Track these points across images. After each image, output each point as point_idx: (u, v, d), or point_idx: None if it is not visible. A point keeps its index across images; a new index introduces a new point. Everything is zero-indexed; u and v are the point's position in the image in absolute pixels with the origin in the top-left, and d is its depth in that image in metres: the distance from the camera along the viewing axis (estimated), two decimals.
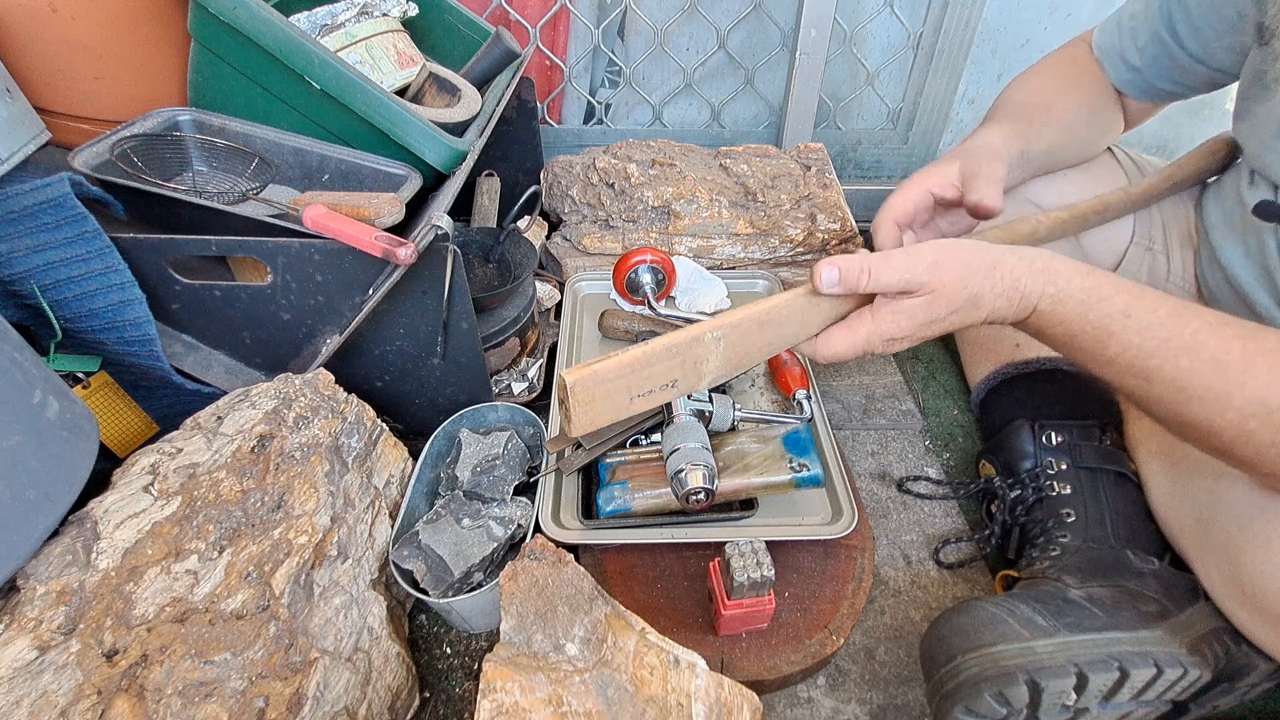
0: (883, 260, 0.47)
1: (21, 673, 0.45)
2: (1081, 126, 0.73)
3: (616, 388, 0.48)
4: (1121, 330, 0.47)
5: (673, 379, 0.50)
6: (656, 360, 0.49)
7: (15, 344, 0.54)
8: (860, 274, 0.47)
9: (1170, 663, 0.54)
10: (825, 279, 0.47)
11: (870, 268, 0.46)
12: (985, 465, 0.82)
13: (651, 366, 0.49)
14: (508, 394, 0.89)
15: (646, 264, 0.94)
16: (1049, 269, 0.49)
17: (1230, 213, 0.68)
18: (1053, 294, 0.48)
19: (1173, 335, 0.46)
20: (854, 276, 0.47)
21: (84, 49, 0.75)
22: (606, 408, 0.49)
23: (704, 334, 0.49)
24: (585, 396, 0.48)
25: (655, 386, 0.49)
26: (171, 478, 0.57)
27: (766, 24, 1.24)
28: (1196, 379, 0.46)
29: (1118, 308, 0.47)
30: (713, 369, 0.51)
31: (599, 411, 0.49)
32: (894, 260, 0.46)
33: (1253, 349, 0.45)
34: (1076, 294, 0.48)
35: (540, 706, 0.45)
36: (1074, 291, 0.48)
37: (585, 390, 0.47)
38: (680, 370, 0.50)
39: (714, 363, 0.50)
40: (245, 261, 0.76)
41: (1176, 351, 0.46)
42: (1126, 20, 0.72)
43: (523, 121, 1.14)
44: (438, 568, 0.64)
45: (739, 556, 0.58)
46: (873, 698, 0.66)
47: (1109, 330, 0.48)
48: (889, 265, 0.46)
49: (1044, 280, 0.48)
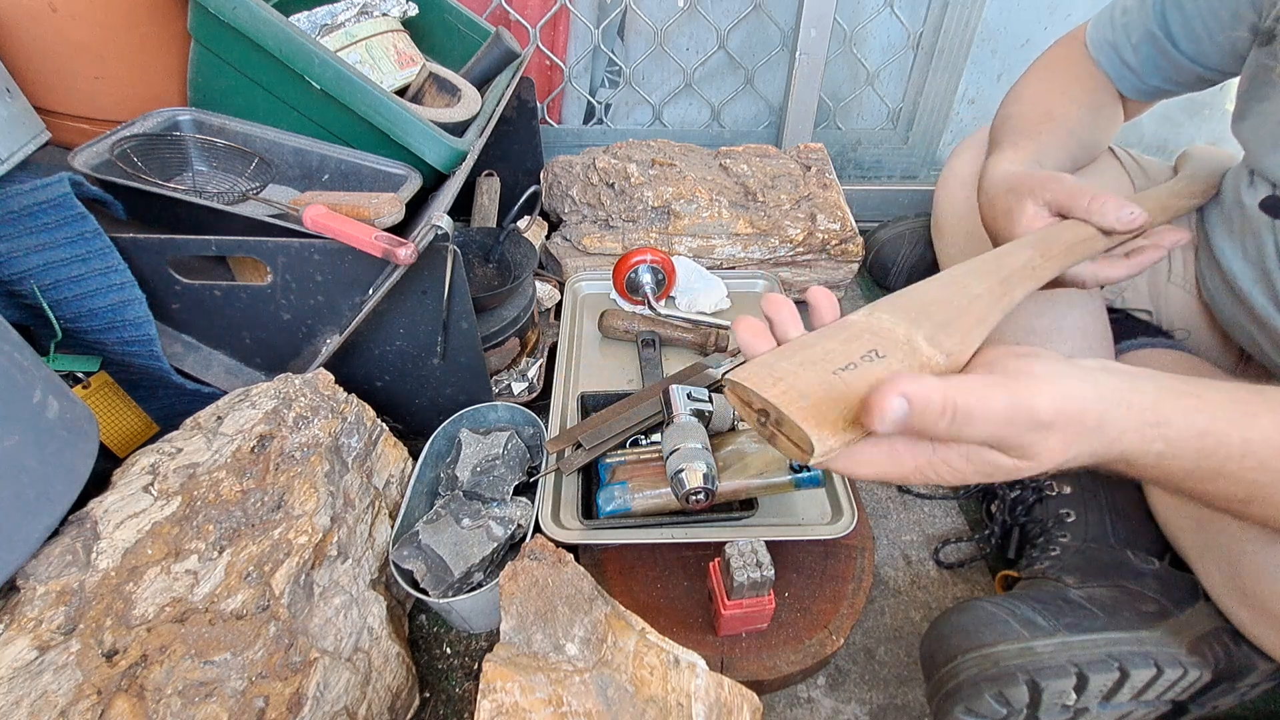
0: (977, 401, 0.32)
1: (21, 673, 0.45)
2: (1086, 129, 0.72)
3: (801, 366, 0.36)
4: (1237, 470, 0.40)
5: (870, 349, 0.37)
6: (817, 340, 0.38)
7: (15, 344, 0.54)
8: (940, 415, 0.31)
9: (1170, 663, 0.54)
10: (890, 415, 0.31)
11: (956, 409, 0.31)
12: None
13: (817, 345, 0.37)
14: (508, 394, 0.89)
15: (646, 264, 0.94)
16: (1159, 421, 0.38)
17: (1229, 213, 0.68)
18: (1159, 451, 0.39)
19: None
20: (932, 418, 0.31)
21: (84, 49, 0.75)
22: (816, 390, 0.34)
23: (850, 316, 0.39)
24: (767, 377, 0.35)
25: (855, 358, 0.36)
26: (171, 478, 0.57)
27: (766, 24, 1.24)
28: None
29: (1235, 449, 0.39)
30: (924, 346, 0.38)
31: (813, 400, 0.33)
32: (992, 405, 0.32)
33: None
34: (1191, 443, 0.39)
35: (540, 706, 0.45)
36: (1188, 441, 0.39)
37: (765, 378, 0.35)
38: (870, 339, 0.38)
39: (919, 339, 0.38)
40: (245, 261, 0.76)
41: None
42: (1119, 16, 0.72)
43: (523, 121, 1.14)
44: (438, 568, 0.64)
45: (739, 556, 0.58)
46: (873, 698, 0.66)
47: (1220, 473, 0.40)
48: (986, 413, 0.32)
49: (1153, 436, 0.38)
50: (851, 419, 0.33)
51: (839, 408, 0.33)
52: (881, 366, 0.36)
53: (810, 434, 0.32)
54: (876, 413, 0.31)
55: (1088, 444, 0.37)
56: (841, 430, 0.33)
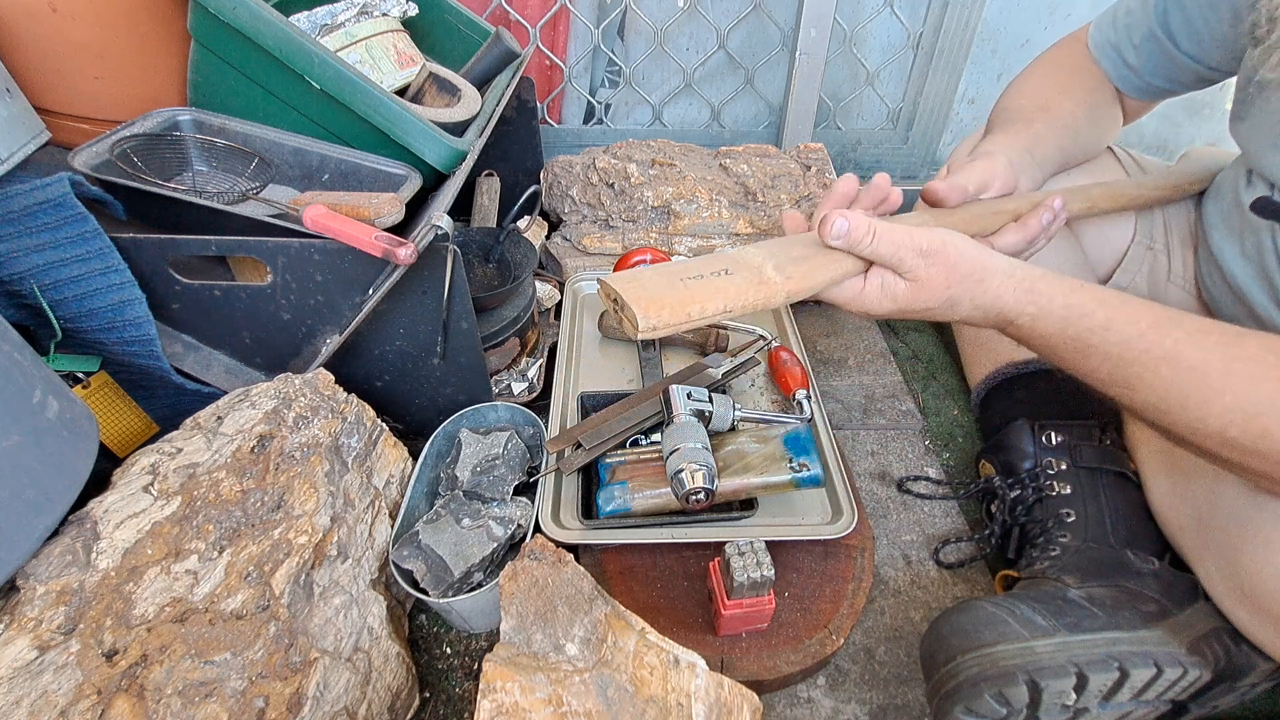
0: (887, 229, 0.48)
1: (21, 673, 0.45)
2: (1083, 125, 0.73)
3: (659, 273, 0.47)
4: (1101, 343, 0.49)
5: (722, 268, 0.48)
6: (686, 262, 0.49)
7: (15, 344, 0.54)
8: (865, 235, 0.48)
9: (1170, 662, 0.54)
10: (835, 229, 0.48)
11: (876, 231, 0.48)
12: (985, 465, 0.82)
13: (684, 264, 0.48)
14: (508, 394, 0.89)
15: (646, 264, 0.94)
16: (1034, 289, 0.50)
17: (1228, 212, 0.68)
18: (1033, 313, 0.50)
19: (1153, 346, 0.47)
20: (859, 236, 0.49)
21: (84, 49, 0.75)
22: (659, 288, 0.46)
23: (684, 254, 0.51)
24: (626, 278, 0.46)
25: (705, 272, 0.48)
26: (171, 478, 0.57)
27: (766, 24, 1.24)
28: (1176, 388, 0.47)
29: (1098, 322, 0.49)
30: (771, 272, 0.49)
31: (651, 293, 0.46)
32: (896, 233, 0.48)
33: (1232, 355, 0.45)
34: (1058, 312, 0.50)
35: (540, 706, 0.45)
36: (1055, 310, 0.50)
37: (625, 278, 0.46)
38: (728, 262, 0.49)
39: (769, 266, 0.49)
40: (245, 261, 0.76)
41: (1157, 361, 0.47)
42: (1122, 16, 0.72)
43: (523, 121, 1.14)
44: (438, 568, 0.64)
45: (739, 556, 0.58)
46: (873, 698, 0.66)
47: (1088, 344, 0.49)
48: (891, 236, 0.48)
49: (1027, 300, 0.50)
50: (681, 309, 0.45)
51: (672, 299, 0.45)
52: (723, 281, 0.47)
53: (637, 312, 0.44)
54: (827, 229, 0.48)
55: (968, 291, 0.49)
56: (668, 314, 0.45)
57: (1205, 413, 0.46)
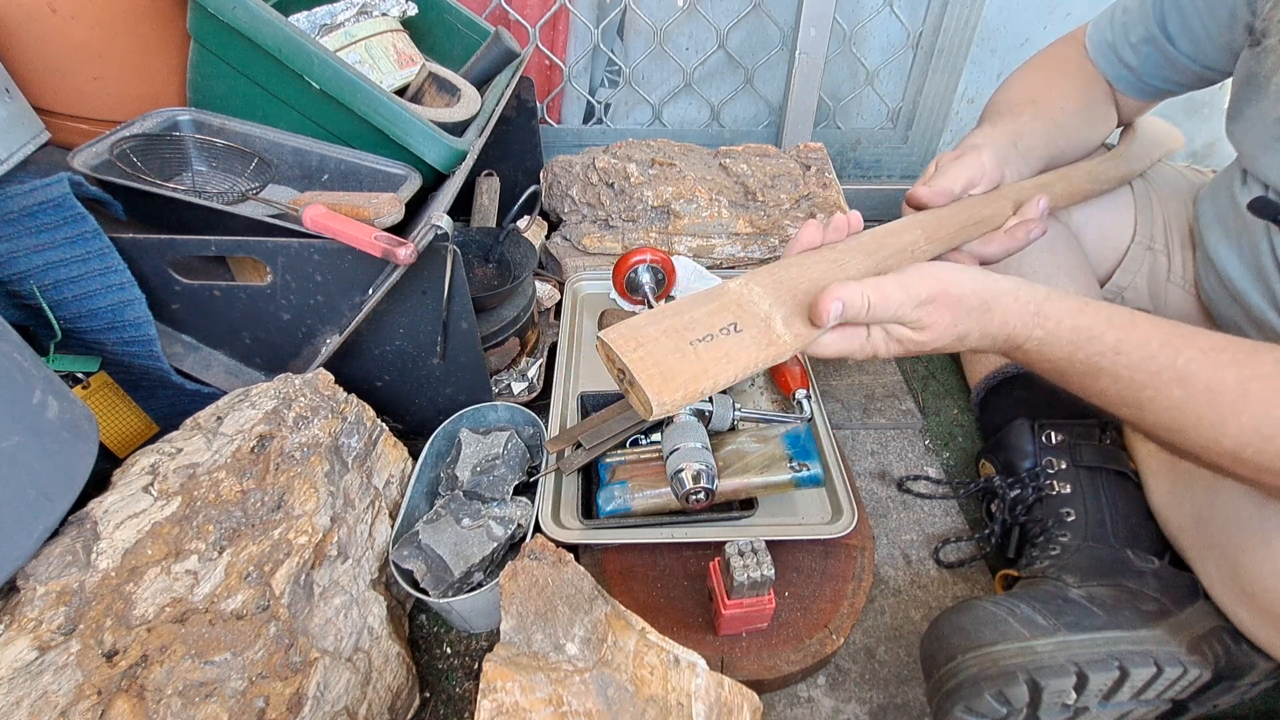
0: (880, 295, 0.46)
1: (21, 673, 0.45)
2: (1072, 120, 0.73)
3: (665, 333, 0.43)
4: (1111, 366, 0.47)
5: (730, 322, 0.45)
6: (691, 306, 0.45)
7: (15, 344, 0.54)
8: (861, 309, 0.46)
9: (1170, 662, 0.54)
10: (831, 315, 0.45)
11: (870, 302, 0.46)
12: (985, 464, 0.82)
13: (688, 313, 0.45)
14: (508, 394, 0.89)
15: (646, 264, 0.94)
16: (1040, 312, 0.49)
17: (1224, 213, 0.68)
18: (1040, 336, 0.49)
19: (1164, 367, 0.46)
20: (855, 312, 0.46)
21: (84, 49, 0.74)
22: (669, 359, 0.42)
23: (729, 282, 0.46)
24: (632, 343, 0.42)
25: (715, 330, 0.44)
26: (171, 478, 0.57)
27: (766, 23, 1.24)
28: (1190, 409, 0.45)
29: (1108, 345, 0.47)
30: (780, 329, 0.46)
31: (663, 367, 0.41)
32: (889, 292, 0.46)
33: (1247, 375, 0.44)
34: (1066, 335, 0.48)
35: (540, 706, 0.45)
36: (1064, 333, 0.48)
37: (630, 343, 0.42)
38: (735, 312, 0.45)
39: (777, 321, 0.46)
40: (245, 261, 0.76)
41: (1169, 383, 0.46)
42: (1120, 16, 0.72)
43: (522, 121, 1.14)
44: (438, 568, 0.64)
45: (739, 556, 0.58)
46: (873, 697, 0.66)
47: (1098, 366, 0.48)
48: (886, 300, 0.46)
49: (1034, 324, 0.49)
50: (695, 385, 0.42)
51: (684, 375, 0.42)
52: (733, 342, 0.44)
53: (651, 398, 0.40)
54: (824, 313, 0.45)
55: (976, 322, 0.48)
56: (681, 395, 0.41)
57: (1220, 434, 0.44)
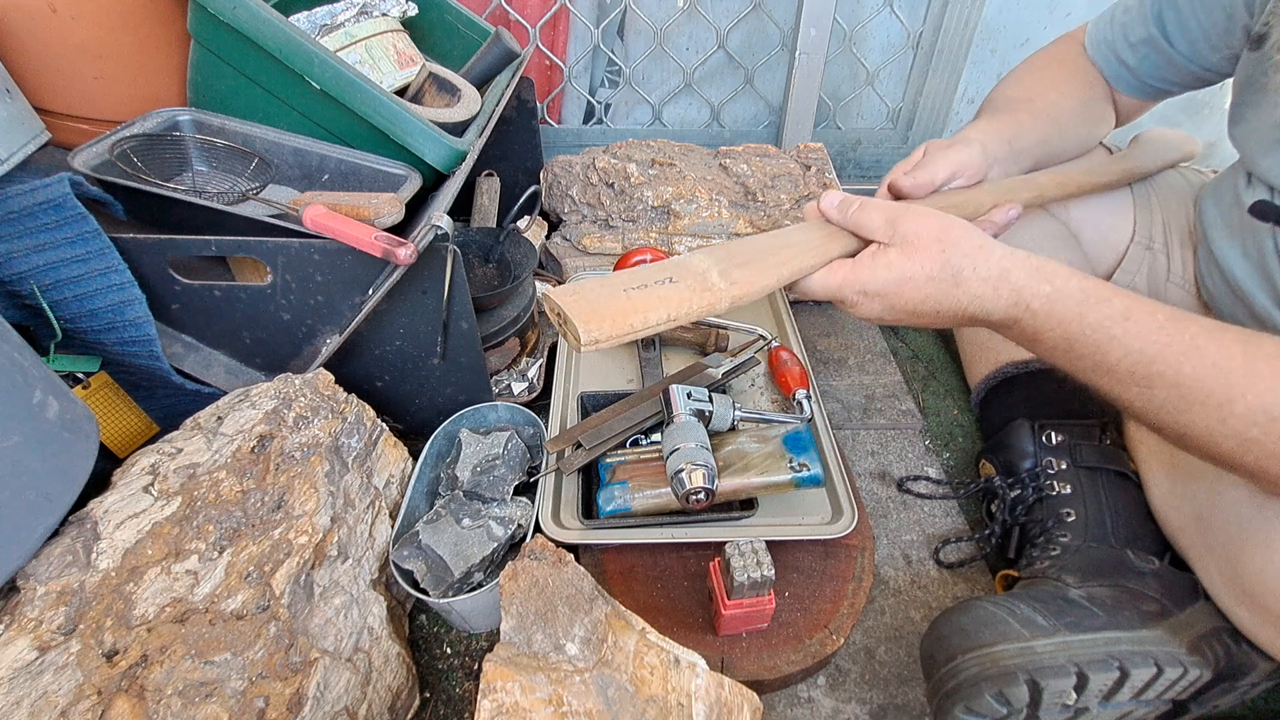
0: (873, 200, 0.50)
1: (21, 673, 0.45)
2: (1069, 119, 0.73)
3: (602, 284, 0.47)
4: (1123, 334, 0.45)
5: (666, 276, 0.48)
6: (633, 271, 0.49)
7: (15, 344, 0.54)
8: (851, 203, 0.50)
9: (1170, 662, 0.54)
10: (826, 200, 0.51)
11: (862, 201, 0.50)
12: (985, 465, 0.82)
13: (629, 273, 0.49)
14: (508, 394, 0.89)
15: (646, 264, 0.94)
16: (1044, 268, 0.48)
17: (1228, 213, 0.68)
18: (1048, 293, 0.47)
19: (1174, 340, 0.45)
20: (849, 205, 0.51)
21: (84, 49, 0.74)
22: (601, 300, 0.46)
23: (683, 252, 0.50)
24: (569, 291, 0.46)
25: (649, 281, 0.48)
26: (171, 478, 0.57)
27: (766, 24, 1.24)
28: (1199, 385, 0.44)
29: (1118, 310, 0.46)
30: (716, 279, 0.49)
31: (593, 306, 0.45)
32: (884, 203, 0.50)
33: (1253, 353, 0.43)
34: (1075, 294, 0.47)
35: (540, 706, 0.45)
36: (1072, 291, 0.47)
37: (567, 291, 0.46)
38: (673, 270, 0.49)
39: (713, 273, 0.49)
40: (245, 261, 0.76)
41: (1178, 356, 0.44)
42: (1120, 15, 0.72)
43: (522, 121, 1.14)
44: (438, 568, 0.64)
45: (739, 556, 0.58)
46: (873, 697, 0.66)
47: (1110, 334, 0.46)
48: (876, 204, 0.49)
49: (1039, 278, 0.47)
50: (623, 320, 0.45)
51: (613, 311, 0.45)
52: (666, 290, 0.47)
53: (578, 325, 0.44)
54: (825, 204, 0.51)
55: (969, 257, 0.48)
56: (609, 326, 0.44)
57: (1227, 412, 0.43)
